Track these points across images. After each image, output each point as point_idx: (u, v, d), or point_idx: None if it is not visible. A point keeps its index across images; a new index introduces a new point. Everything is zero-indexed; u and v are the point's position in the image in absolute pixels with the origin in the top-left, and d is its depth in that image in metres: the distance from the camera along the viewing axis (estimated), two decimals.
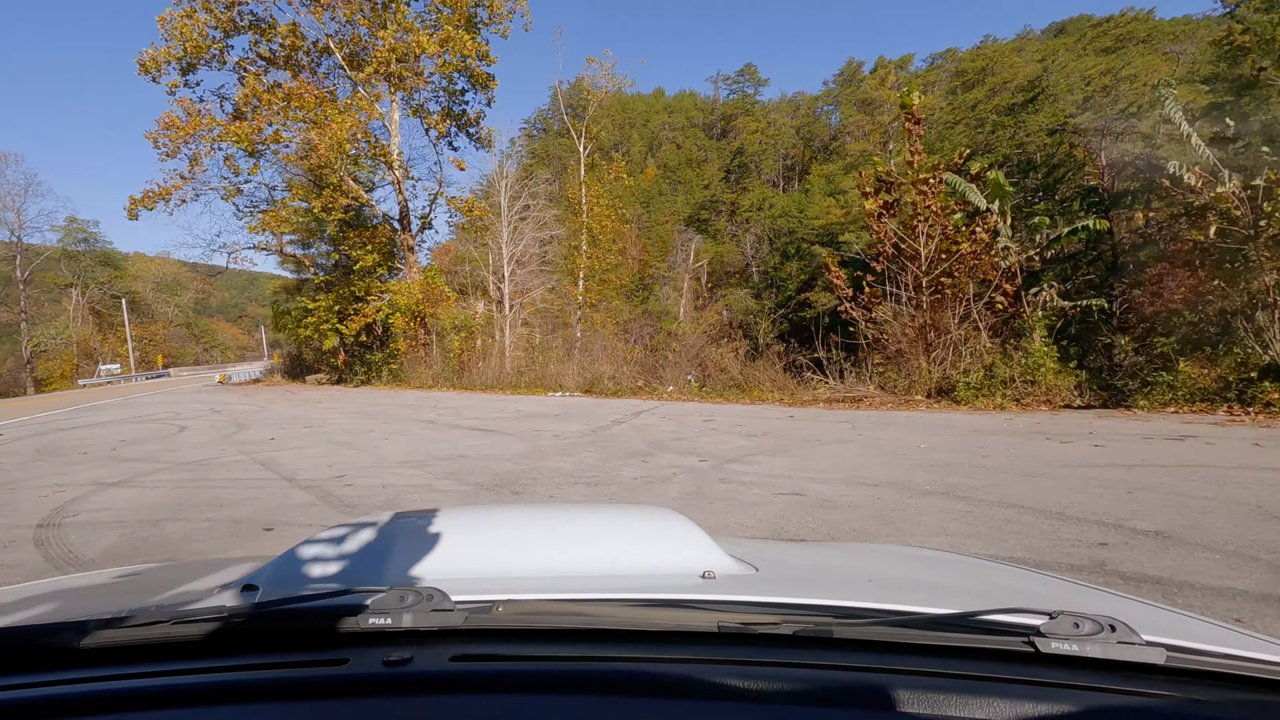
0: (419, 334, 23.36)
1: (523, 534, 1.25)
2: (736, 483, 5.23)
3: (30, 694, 0.74)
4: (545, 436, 8.31)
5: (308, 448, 8.16)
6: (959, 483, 4.87)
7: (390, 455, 7.36)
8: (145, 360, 51.76)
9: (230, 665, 0.79)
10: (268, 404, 15.86)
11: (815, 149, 77.68)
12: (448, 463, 6.69)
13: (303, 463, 7.09)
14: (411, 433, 9.24)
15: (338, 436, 9.09)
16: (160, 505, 5.29)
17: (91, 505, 5.38)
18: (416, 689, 0.72)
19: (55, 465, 7.57)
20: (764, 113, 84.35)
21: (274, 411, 13.51)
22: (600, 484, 5.50)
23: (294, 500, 5.29)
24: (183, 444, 9.00)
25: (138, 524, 4.71)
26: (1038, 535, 3.61)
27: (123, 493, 5.83)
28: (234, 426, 10.83)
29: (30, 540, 4.39)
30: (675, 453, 6.72)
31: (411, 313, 23.12)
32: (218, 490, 5.77)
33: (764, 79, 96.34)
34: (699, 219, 73.24)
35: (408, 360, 22.65)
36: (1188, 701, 0.68)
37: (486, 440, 8.13)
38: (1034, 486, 4.64)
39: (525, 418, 10.40)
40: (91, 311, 50.55)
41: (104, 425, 11.96)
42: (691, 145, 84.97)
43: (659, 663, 0.76)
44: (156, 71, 21.02)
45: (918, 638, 0.77)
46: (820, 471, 5.51)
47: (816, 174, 68.11)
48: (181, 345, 62.67)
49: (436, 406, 13.20)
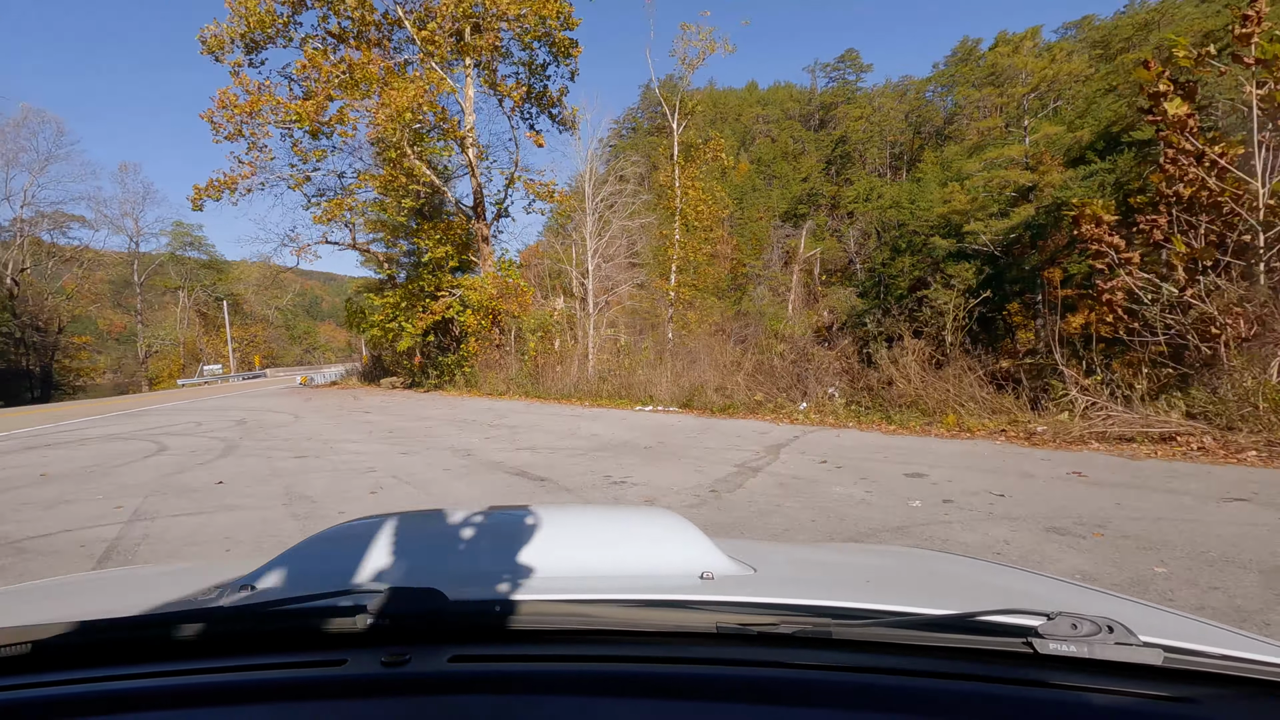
0: (493, 334, 20.69)
1: (522, 534, 1.22)
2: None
3: (30, 694, 0.74)
4: (630, 497, 4.90)
5: (245, 505, 5.13)
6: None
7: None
8: (245, 361, 53.12)
9: (228, 666, 0.78)
10: (308, 413, 13.40)
11: (926, 135, 70.82)
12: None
13: (198, 537, 4.04)
14: (427, 475, 6.09)
15: (313, 481, 6.05)
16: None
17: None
18: (415, 689, 0.72)
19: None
20: (868, 99, 78.06)
21: (301, 425, 10.86)
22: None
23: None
24: (90, 492, 6.24)
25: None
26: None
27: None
28: (219, 449, 8.11)
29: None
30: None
31: (484, 310, 20.48)
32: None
33: (866, 64, 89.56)
34: (796, 214, 68.22)
35: (479, 363, 20.01)
36: (1186, 702, 0.68)
37: (527, 500, 4.81)
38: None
39: (601, 451, 7.04)
40: (197, 313, 52.39)
41: (81, 444, 9.61)
42: (787, 138, 79.92)
43: (657, 663, 0.76)
44: (220, 50, 19.47)
45: (916, 638, 0.76)
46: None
47: (929, 161, 61.70)
48: (281, 347, 64.44)
49: (494, 423, 10.13)
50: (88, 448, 8.66)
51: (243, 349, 54.37)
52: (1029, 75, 44.36)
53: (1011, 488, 4.58)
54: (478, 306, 20.26)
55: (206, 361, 50.69)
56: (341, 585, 0.96)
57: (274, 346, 61.77)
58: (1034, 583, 1.30)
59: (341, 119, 19.00)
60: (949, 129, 67.14)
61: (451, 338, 24.35)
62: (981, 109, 61.68)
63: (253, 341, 56.68)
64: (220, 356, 51.86)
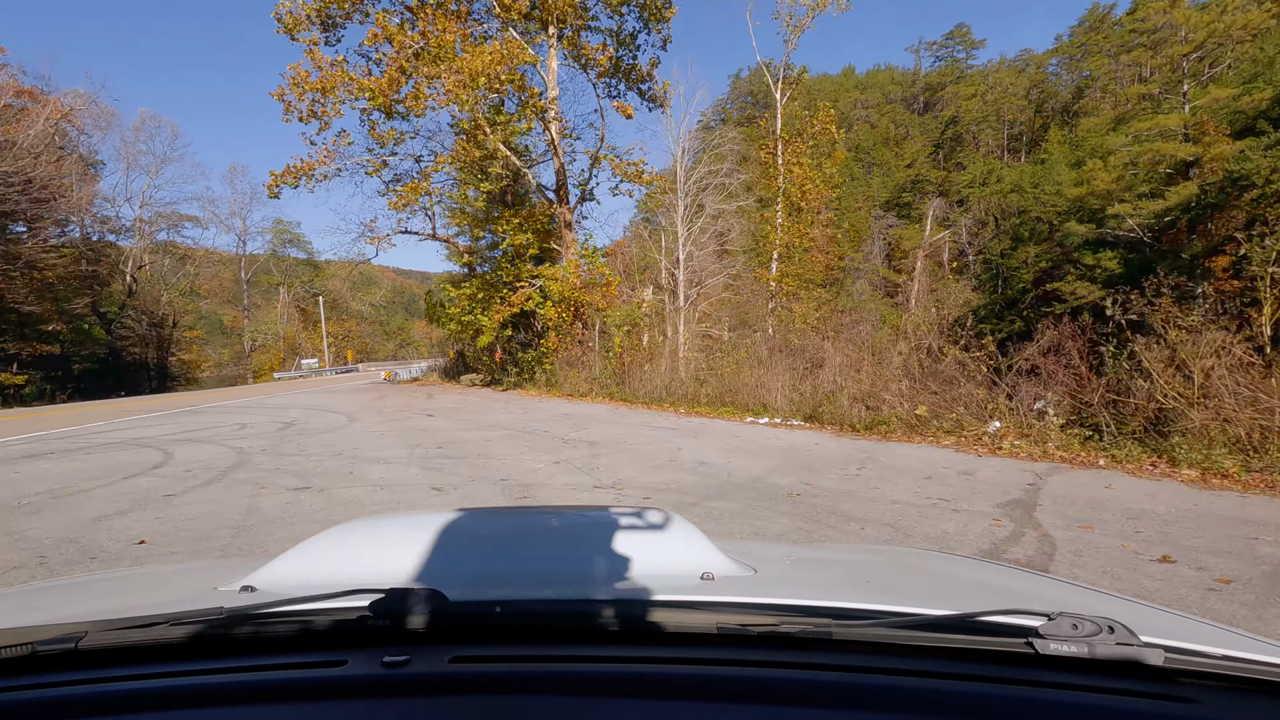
0: (575, 329, 18.75)
1: (522, 535, 1.27)
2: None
3: (30, 694, 0.74)
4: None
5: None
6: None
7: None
8: (340, 356, 54.43)
9: (229, 666, 0.77)
10: (367, 414, 11.76)
11: (1050, 112, 63.77)
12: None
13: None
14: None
15: (278, 536, 3.97)
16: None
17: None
18: (416, 690, 0.72)
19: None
20: (981, 77, 71.33)
21: (349, 432, 9.07)
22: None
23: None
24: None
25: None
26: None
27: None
28: (223, 467, 6.28)
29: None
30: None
31: (566, 302, 18.55)
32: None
33: (979, 39, 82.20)
34: (899, 202, 63.07)
35: (560, 360, 18.11)
36: (1187, 703, 0.67)
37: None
38: None
39: (719, 499, 4.63)
40: (297, 309, 54.08)
41: (83, 453, 8.18)
42: (888, 123, 74.44)
43: (658, 663, 0.75)
44: (296, 29, 18.49)
45: (916, 639, 0.76)
46: None
47: (1056, 140, 55.27)
48: (376, 342, 66.01)
49: (569, 436, 7.95)
50: (77, 460, 7.12)
51: (338, 344, 55.77)
52: (1189, 33, 37.99)
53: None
54: (559, 298, 18.33)
55: (304, 356, 52.22)
56: (342, 586, 0.90)
57: (368, 341, 63.26)
58: (1034, 583, 1.30)
59: (416, 94, 17.53)
60: (1078, 104, 60.01)
61: (533, 333, 22.65)
62: (1118, 79, 54.39)
63: (347, 337, 58.12)
64: (317, 351, 53.32)
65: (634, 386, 14.45)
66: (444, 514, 1.28)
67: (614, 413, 11.20)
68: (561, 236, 19.98)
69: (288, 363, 50.33)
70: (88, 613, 1.01)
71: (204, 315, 56.27)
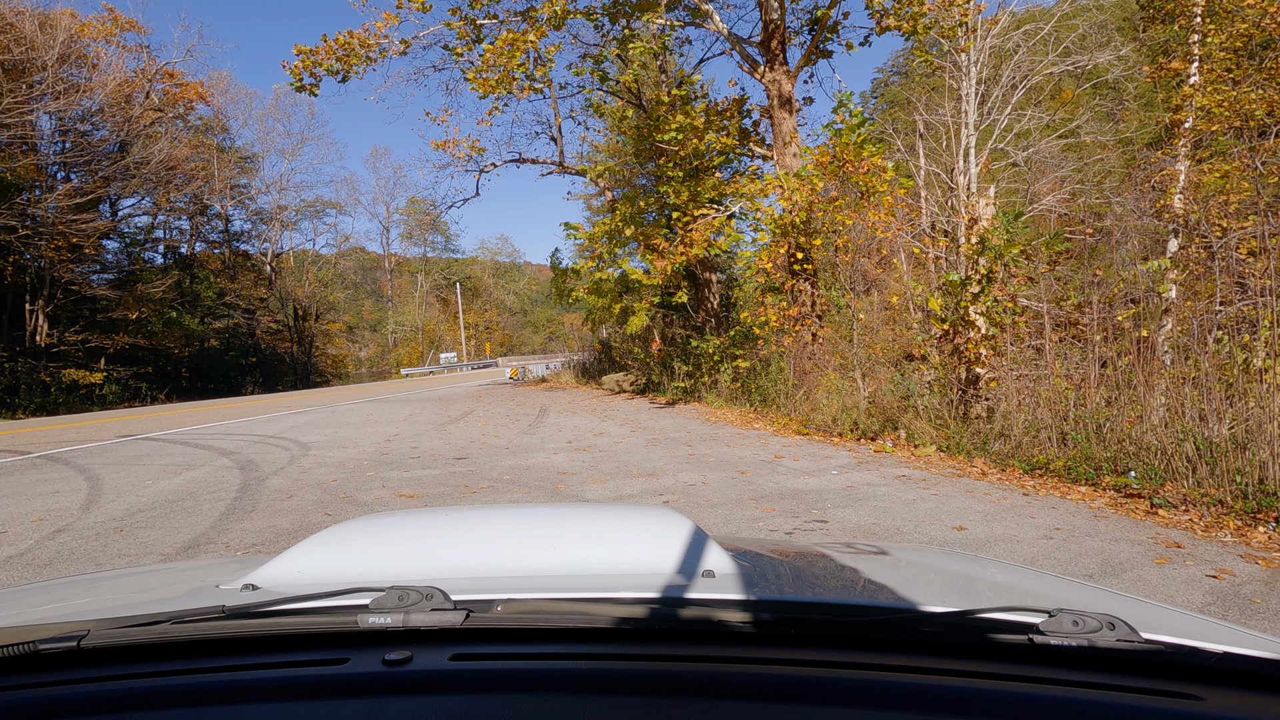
0: (800, 290, 9.74)
1: (523, 533, 1.24)
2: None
3: (30, 694, 0.73)
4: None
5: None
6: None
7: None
8: (479, 349, 49.76)
9: (230, 665, 0.77)
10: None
11: None
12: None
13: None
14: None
15: None
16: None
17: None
18: (416, 688, 0.71)
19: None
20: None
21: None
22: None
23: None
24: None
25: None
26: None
27: None
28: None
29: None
30: None
31: (786, 241, 9.60)
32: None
33: None
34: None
35: (790, 355, 9.24)
36: (1188, 699, 0.67)
37: None
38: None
39: None
40: (437, 298, 50.20)
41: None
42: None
43: (659, 662, 0.75)
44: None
45: (917, 636, 0.76)
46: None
47: None
48: (521, 335, 61.29)
49: None
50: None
51: (477, 336, 51.24)
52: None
53: None
54: (780, 231, 9.36)
55: (443, 349, 48.05)
56: (343, 584, 0.91)
57: (510, 334, 58.54)
58: (1035, 580, 1.29)
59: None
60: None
61: (707, 311, 13.97)
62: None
63: (488, 328, 53.55)
64: (456, 344, 49.00)
65: (1010, 439, 5.19)
66: (446, 513, 1.32)
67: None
68: (775, 123, 10.89)
69: (425, 357, 46.38)
70: (90, 611, 1.03)
71: (358, 306, 54.58)
